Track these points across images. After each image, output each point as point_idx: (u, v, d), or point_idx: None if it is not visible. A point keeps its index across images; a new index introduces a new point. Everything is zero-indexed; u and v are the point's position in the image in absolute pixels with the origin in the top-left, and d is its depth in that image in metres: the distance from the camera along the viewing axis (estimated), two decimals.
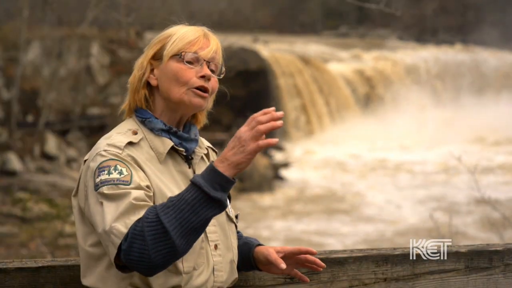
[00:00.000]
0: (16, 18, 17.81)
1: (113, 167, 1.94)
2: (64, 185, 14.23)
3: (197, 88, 2.07)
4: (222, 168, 1.85)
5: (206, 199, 1.84)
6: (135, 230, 1.83)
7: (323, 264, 2.14)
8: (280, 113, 1.86)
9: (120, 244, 1.85)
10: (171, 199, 1.86)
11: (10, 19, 19.10)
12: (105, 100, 19.39)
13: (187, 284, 1.99)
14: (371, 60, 25.41)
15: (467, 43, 28.87)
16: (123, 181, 1.91)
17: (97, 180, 1.93)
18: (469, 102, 24.60)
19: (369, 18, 33.57)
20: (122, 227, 1.85)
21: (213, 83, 2.10)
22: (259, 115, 1.86)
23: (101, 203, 1.90)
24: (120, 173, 1.93)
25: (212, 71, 2.10)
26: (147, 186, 1.96)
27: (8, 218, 11.80)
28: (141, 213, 1.87)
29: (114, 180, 1.91)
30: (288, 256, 2.14)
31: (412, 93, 24.30)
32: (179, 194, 1.86)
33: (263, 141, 1.85)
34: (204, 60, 2.07)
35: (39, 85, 18.40)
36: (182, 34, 2.09)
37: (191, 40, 2.08)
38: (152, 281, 1.95)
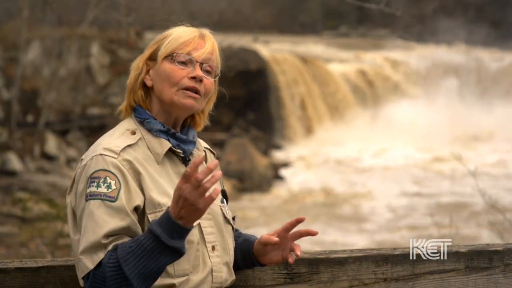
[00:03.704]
0: (16, 18, 17.80)
1: (102, 179, 1.96)
2: (64, 185, 14.22)
3: (187, 88, 2.06)
4: (181, 222, 1.86)
5: (163, 247, 1.87)
6: (97, 275, 1.91)
7: (315, 231, 2.12)
8: (214, 162, 1.85)
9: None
10: (130, 243, 1.89)
11: (10, 19, 19.09)
12: (105, 100, 19.40)
13: (183, 286, 1.99)
14: (371, 60, 25.41)
15: (467, 43, 28.85)
16: (110, 196, 1.95)
17: (87, 190, 1.97)
18: (470, 102, 24.58)
19: (369, 18, 33.54)
20: (89, 262, 1.92)
21: (207, 85, 2.08)
22: (196, 173, 1.83)
23: (84, 217, 1.96)
24: (108, 186, 1.96)
25: (207, 71, 2.09)
26: (136, 207, 1.97)
27: (8, 218, 11.79)
28: (108, 249, 1.92)
29: (101, 195, 1.95)
30: (282, 236, 2.14)
31: (413, 93, 24.29)
32: (138, 239, 1.89)
33: (214, 193, 1.83)
34: (197, 62, 2.06)
35: (39, 85, 18.40)
36: (177, 35, 2.08)
37: (185, 40, 2.07)
38: None
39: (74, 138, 17.97)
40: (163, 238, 1.86)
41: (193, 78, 2.05)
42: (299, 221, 2.11)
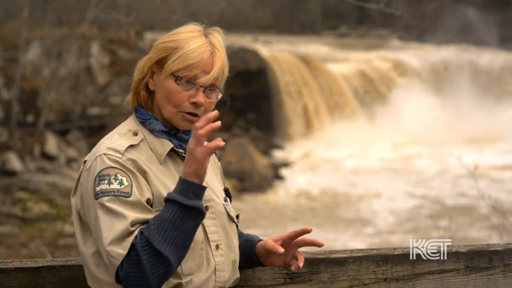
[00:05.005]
0: (16, 18, 17.80)
1: (113, 176, 1.95)
2: (64, 185, 14.22)
3: (187, 112, 2.07)
4: (189, 178, 1.90)
5: (184, 211, 1.88)
6: (131, 259, 1.88)
7: (321, 242, 2.14)
8: (214, 113, 1.90)
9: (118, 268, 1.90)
10: (153, 221, 1.90)
11: (10, 19, 19.09)
12: (105, 100, 19.39)
13: (188, 285, 2.00)
14: (371, 60, 25.40)
15: (467, 43, 28.84)
16: (124, 192, 1.94)
17: (97, 189, 1.95)
18: (470, 103, 24.56)
19: (369, 18, 33.54)
20: (120, 249, 1.89)
21: (207, 106, 2.09)
22: (197, 123, 1.90)
23: (100, 215, 1.93)
24: (121, 183, 1.95)
25: (212, 85, 2.08)
26: (147, 200, 1.97)
27: (8, 218, 11.79)
28: (135, 235, 1.91)
29: (114, 191, 1.93)
30: (287, 243, 2.16)
31: (413, 93, 24.27)
32: (157, 216, 1.90)
33: (211, 144, 1.89)
34: (201, 86, 2.06)
35: (39, 85, 18.40)
36: (186, 53, 2.05)
37: (194, 63, 2.04)
38: None
39: (74, 138, 17.96)
40: (181, 200, 1.88)
41: (194, 103, 2.06)
42: (305, 231, 2.13)
